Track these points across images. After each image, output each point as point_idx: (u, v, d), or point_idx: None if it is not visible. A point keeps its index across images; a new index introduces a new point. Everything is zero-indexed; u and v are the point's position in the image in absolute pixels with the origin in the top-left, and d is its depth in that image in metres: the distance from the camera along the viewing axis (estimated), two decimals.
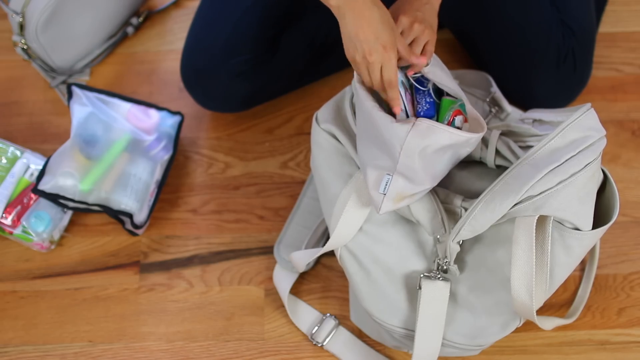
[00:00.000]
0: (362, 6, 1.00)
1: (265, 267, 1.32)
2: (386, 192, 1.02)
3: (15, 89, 1.51)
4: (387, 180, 1.01)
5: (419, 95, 1.07)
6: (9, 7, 1.41)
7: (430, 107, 1.06)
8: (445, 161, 1.04)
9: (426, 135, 0.99)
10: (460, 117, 1.06)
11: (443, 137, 1.00)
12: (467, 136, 1.01)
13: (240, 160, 1.42)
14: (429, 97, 1.07)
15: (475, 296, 1.11)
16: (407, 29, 1.06)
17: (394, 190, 1.01)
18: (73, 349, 1.26)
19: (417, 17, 1.07)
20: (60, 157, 1.30)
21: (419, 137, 0.99)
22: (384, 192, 1.02)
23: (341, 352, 1.24)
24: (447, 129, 0.99)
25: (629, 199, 1.36)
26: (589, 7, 1.39)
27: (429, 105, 1.07)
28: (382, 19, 1.01)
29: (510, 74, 1.37)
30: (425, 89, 1.08)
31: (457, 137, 1.00)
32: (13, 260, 1.34)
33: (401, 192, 1.02)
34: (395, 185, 1.01)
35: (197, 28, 1.38)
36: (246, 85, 1.37)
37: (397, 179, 1.01)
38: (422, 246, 1.12)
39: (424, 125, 0.99)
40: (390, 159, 1.01)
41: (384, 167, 1.02)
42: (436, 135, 0.99)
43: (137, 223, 1.31)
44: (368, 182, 1.03)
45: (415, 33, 1.06)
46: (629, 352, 1.23)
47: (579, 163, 1.02)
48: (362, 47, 1.01)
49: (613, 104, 1.45)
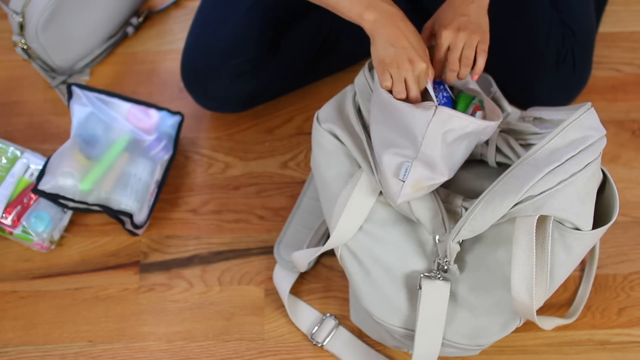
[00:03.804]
0: (396, 18, 1.04)
1: (265, 267, 1.32)
2: (405, 180, 1.02)
3: (15, 89, 1.51)
4: (407, 167, 1.02)
5: (436, 90, 1.09)
6: (9, 7, 1.41)
7: (447, 102, 1.09)
8: (462, 151, 1.05)
9: (448, 122, 1.00)
10: (481, 112, 1.09)
11: (464, 123, 1.01)
12: (485, 124, 1.03)
13: (240, 160, 1.42)
14: (445, 92, 1.09)
15: (476, 296, 1.11)
16: (453, 41, 1.07)
17: (413, 177, 1.02)
18: (73, 349, 1.26)
19: (461, 23, 1.07)
20: (60, 157, 1.30)
21: (440, 124, 1.00)
22: (404, 179, 1.02)
23: (341, 352, 1.24)
24: (468, 117, 1.01)
25: (629, 199, 1.36)
26: (588, 7, 1.39)
27: (446, 99, 1.09)
28: (415, 32, 1.05)
29: (510, 74, 1.37)
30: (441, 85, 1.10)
31: (477, 125, 1.02)
32: (13, 260, 1.34)
33: (420, 180, 1.02)
34: (415, 172, 1.02)
35: (198, 28, 1.38)
36: (246, 86, 1.37)
37: (416, 165, 1.01)
38: (422, 246, 1.12)
39: (445, 114, 1.00)
40: (412, 146, 1.02)
41: (404, 155, 1.02)
42: (458, 122, 1.01)
43: (137, 223, 1.31)
44: (386, 170, 1.03)
45: (463, 41, 1.07)
46: (629, 352, 1.24)
47: (579, 163, 1.02)
48: (402, 54, 1.03)
49: (613, 104, 1.45)
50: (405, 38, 1.03)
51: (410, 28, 1.05)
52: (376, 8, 1.04)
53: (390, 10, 1.05)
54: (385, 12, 1.04)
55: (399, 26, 1.04)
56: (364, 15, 1.05)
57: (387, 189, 1.04)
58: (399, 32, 1.03)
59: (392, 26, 1.04)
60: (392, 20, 1.04)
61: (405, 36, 1.03)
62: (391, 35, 1.03)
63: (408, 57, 1.03)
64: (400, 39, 1.03)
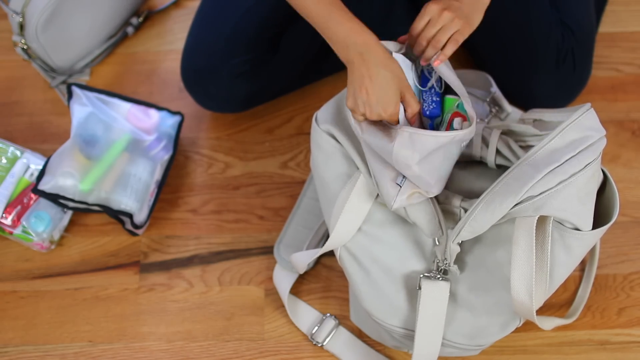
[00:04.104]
0: (372, 65, 1.01)
1: (265, 267, 1.32)
2: (402, 185, 1.03)
3: (15, 89, 1.51)
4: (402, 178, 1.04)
5: (425, 94, 1.09)
6: (9, 7, 1.41)
7: (436, 107, 1.08)
8: (443, 162, 1.04)
9: (412, 144, 1.00)
10: (459, 119, 1.07)
11: (428, 141, 1.00)
12: (451, 135, 1.01)
13: (240, 160, 1.42)
14: (435, 96, 1.09)
15: (475, 296, 1.11)
16: (434, 17, 1.05)
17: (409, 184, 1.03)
18: (73, 349, 1.26)
19: (451, 5, 1.05)
20: (60, 157, 1.30)
21: (405, 147, 1.00)
22: (401, 183, 1.03)
23: (341, 352, 1.24)
24: (430, 134, 1.00)
25: (629, 199, 1.36)
26: (588, 7, 1.39)
27: (435, 104, 1.08)
28: (389, 82, 1.01)
29: (510, 73, 1.37)
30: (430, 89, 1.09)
31: (443, 139, 1.01)
32: (13, 260, 1.34)
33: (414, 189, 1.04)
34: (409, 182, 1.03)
35: (197, 28, 1.37)
36: (246, 86, 1.37)
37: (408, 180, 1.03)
38: (422, 246, 1.12)
39: (406, 134, 0.99)
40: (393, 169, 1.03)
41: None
42: (421, 141, 1.00)
43: (137, 223, 1.31)
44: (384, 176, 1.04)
45: (442, 22, 1.05)
46: (629, 352, 1.23)
47: (579, 163, 1.02)
48: (361, 105, 1.03)
49: (613, 104, 1.45)
50: (368, 89, 1.01)
51: (381, 75, 1.01)
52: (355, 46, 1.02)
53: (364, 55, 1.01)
54: (360, 54, 1.02)
55: (368, 74, 1.01)
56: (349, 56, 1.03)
57: (384, 193, 1.05)
58: (365, 80, 1.01)
59: (362, 73, 1.02)
60: (364, 65, 1.02)
61: (371, 86, 1.01)
62: (356, 83, 1.02)
63: (363, 111, 1.03)
64: (362, 90, 1.02)
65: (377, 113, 1.02)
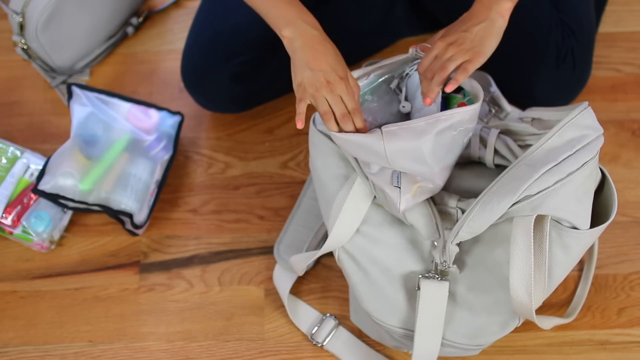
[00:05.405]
0: (315, 40, 1.04)
1: (265, 267, 1.32)
2: (400, 185, 1.02)
3: (15, 89, 1.51)
4: (397, 174, 1.03)
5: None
6: (9, 7, 1.41)
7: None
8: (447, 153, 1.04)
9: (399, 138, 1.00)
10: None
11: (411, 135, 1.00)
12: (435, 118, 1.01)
13: (240, 160, 1.42)
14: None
15: (474, 296, 1.11)
16: (440, 53, 1.06)
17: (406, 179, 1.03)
18: (73, 349, 1.26)
19: (458, 39, 1.05)
20: (60, 157, 1.30)
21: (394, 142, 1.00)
22: (398, 185, 1.03)
23: (341, 352, 1.24)
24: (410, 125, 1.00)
25: (629, 199, 1.36)
26: (588, 7, 1.39)
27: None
28: (335, 53, 1.05)
29: (510, 73, 1.36)
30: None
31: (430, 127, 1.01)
32: (13, 260, 1.34)
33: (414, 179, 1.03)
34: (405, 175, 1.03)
35: (198, 28, 1.38)
36: (246, 86, 1.37)
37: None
38: (420, 247, 1.12)
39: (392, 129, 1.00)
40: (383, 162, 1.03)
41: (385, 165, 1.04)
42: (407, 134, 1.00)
43: (137, 223, 1.31)
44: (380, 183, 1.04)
45: (448, 55, 1.05)
46: (629, 352, 1.23)
47: (576, 162, 1.02)
48: (320, 76, 1.03)
49: (613, 104, 1.45)
50: (324, 60, 1.03)
51: (329, 50, 1.04)
52: (296, 27, 1.05)
53: (309, 33, 1.05)
54: (304, 34, 1.05)
55: (316, 48, 1.04)
56: (282, 32, 1.06)
57: (387, 200, 1.05)
58: (317, 54, 1.03)
59: (309, 48, 1.04)
60: (311, 42, 1.04)
61: (324, 58, 1.03)
62: (309, 58, 1.03)
63: (325, 79, 1.03)
64: (318, 61, 1.03)
65: (340, 79, 1.03)
